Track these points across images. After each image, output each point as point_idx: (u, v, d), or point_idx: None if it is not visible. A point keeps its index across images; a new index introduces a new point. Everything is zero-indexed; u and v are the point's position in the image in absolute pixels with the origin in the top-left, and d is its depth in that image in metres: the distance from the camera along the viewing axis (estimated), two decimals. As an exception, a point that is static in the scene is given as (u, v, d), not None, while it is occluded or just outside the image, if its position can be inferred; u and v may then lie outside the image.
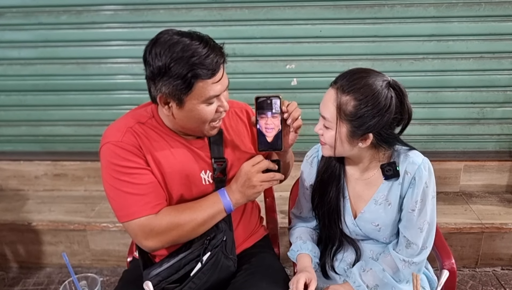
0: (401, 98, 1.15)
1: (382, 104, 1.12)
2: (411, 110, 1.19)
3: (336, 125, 1.15)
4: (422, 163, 1.21)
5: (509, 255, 2.31)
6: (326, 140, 1.20)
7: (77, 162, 2.63)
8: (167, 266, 1.23)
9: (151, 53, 1.11)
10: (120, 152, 1.17)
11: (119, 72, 2.48)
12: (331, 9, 2.31)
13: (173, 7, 2.34)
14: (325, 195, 1.32)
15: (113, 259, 2.40)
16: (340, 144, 1.18)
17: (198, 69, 1.09)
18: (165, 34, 1.13)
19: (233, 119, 1.36)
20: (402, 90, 1.16)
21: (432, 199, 1.23)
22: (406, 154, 1.23)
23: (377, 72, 1.17)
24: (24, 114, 2.59)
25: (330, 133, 1.18)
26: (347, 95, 1.13)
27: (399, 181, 1.23)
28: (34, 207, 2.50)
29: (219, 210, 1.23)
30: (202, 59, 1.09)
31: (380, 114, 1.13)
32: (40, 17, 2.38)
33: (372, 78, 1.14)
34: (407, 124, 1.21)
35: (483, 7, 2.28)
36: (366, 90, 1.12)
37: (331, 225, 1.34)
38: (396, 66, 2.39)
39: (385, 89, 1.13)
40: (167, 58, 1.09)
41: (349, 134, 1.16)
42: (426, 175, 1.20)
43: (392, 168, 1.22)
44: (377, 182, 1.27)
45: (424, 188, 1.20)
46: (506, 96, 2.45)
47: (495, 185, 2.59)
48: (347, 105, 1.13)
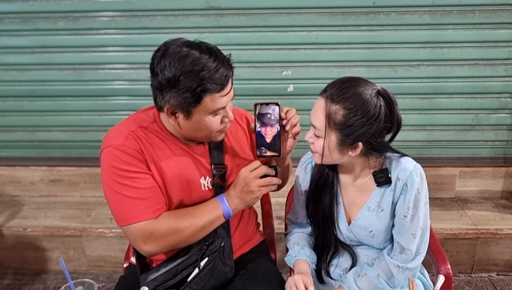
0: (391, 106, 1.16)
1: (372, 113, 1.13)
2: (401, 118, 1.19)
3: (326, 134, 1.16)
4: (414, 169, 1.22)
5: (504, 261, 2.32)
6: (316, 148, 1.21)
7: (73, 167, 2.63)
8: (165, 271, 1.23)
9: (159, 64, 1.10)
10: (121, 156, 1.17)
11: (116, 78, 2.49)
12: (327, 16, 2.33)
13: (170, 13, 2.35)
14: (319, 202, 1.33)
15: (109, 265, 2.39)
16: (329, 153, 1.19)
17: (208, 84, 1.09)
18: (173, 44, 1.12)
19: (233, 125, 1.37)
20: (391, 99, 1.17)
21: (425, 205, 1.24)
22: (398, 161, 1.23)
23: (366, 80, 1.18)
24: (20, 119, 2.58)
25: (320, 141, 1.18)
26: (336, 104, 1.14)
27: (391, 188, 1.24)
28: (29, 213, 2.49)
29: (218, 215, 1.23)
30: (211, 73, 1.09)
31: (370, 123, 1.14)
32: (38, 23, 2.39)
33: (361, 87, 1.14)
34: (396, 132, 1.22)
35: (477, 14, 2.30)
36: (356, 99, 1.13)
37: (325, 231, 1.35)
38: (392, 73, 2.41)
39: (374, 98, 1.14)
40: (176, 71, 1.08)
41: (339, 143, 1.17)
42: (418, 182, 1.21)
43: (384, 175, 1.23)
44: (370, 188, 1.28)
45: (416, 194, 1.21)
46: (500, 102, 2.47)
47: (490, 191, 2.60)
48: (336, 114, 1.14)
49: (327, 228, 1.34)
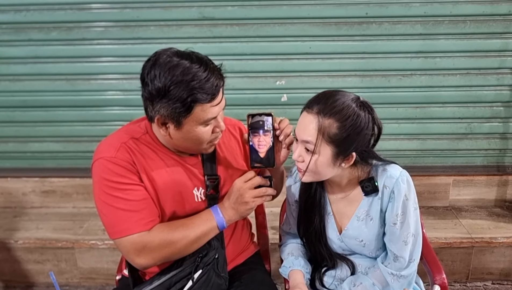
0: (371, 113, 1.17)
1: (363, 122, 1.14)
2: (381, 124, 1.20)
3: (318, 148, 1.15)
4: (400, 176, 1.21)
5: (499, 270, 2.32)
6: (306, 166, 1.18)
7: (65, 178, 2.60)
8: (158, 284, 1.21)
9: (150, 73, 1.10)
10: (113, 168, 1.15)
11: (109, 88, 2.48)
12: (320, 26, 2.34)
13: (163, 24, 2.35)
14: (310, 224, 1.33)
15: (101, 277, 2.36)
16: (323, 168, 1.18)
17: (198, 94, 1.08)
18: (164, 54, 1.11)
19: (226, 136, 1.36)
20: (370, 106, 1.18)
21: (415, 211, 1.24)
22: (384, 168, 1.23)
23: (343, 91, 1.19)
24: (12, 130, 2.56)
25: (312, 157, 1.17)
26: (328, 118, 1.13)
27: (378, 196, 1.24)
28: (21, 225, 2.46)
29: (212, 227, 1.22)
30: (202, 83, 1.08)
31: (362, 132, 1.15)
32: (30, 33, 2.38)
33: (345, 98, 1.15)
34: (378, 137, 1.22)
35: (468, 24, 2.33)
36: (347, 112, 1.13)
37: (319, 249, 1.34)
38: (385, 82, 2.43)
39: (360, 108, 1.15)
40: (166, 81, 1.07)
41: (333, 156, 1.16)
42: (405, 188, 1.21)
43: (371, 183, 1.23)
44: (358, 198, 1.28)
45: (404, 201, 1.21)
46: (492, 111, 2.49)
47: (484, 200, 2.61)
48: (330, 128, 1.13)
49: (320, 246, 1.34)
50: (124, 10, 2.33)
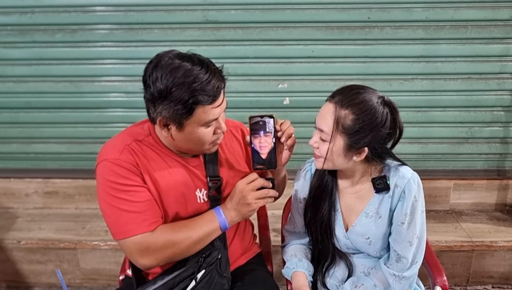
0: (394, 114, 1.20)
1: (379, 119, 1.16)
2: (403, 126, 1.23)
3: (332, 138, 1.18)
4: (412, 177, 1.24)
5: (499, 273, 2.32)
6: (322, 153, 1.22)
7: (68, 179, 2.62)
8: (161, 284, 1.22)
9: (151, 75, 1.11)
10: (117, 170, 1.17)
11: (113, 90, 2.49)
12: (323, 30, 2.36)
13: (167, 26, 2.37)
14: (317, 210, 1.34)
15: (103, 278, 2.37)
16: (335, 157, 1.21)
17: (200, 95, 1.10)
18: (165, 56, 1.13)
19: (228, 137, 1.38)
20: (395, 107, 1.20)
21: (421, 213, 1.26)
22: (397, 168, 1.26)
23: (372, 89, 1.22)
24: (15, 131, 2.58)
25: (326, 145, 1.20)
26: (345, 109, 1.16)
27: (389, 195, 1.26)
28: (24, 225, 2.47)
29: (215, 228, 1.23)
30: (203, 85, 1.10)
31: (377, 129, 1.17)
32: (35, 35, 2.40)
33: (369, 94, 1.18)
34: (398, 139, 1.25)
35: (470, 29, 2.34)
36: (365, 106, 1.16)
37: (323, 239, 1.35)
38: (387, 86, 2.44)
39: (380, 106, 1.17)
40: (168, 83, 1.09)
41: (346, 147, 1.18)
42: (416, 189, 1.23)
43: (383, 181, 1.25)
44: (368, 195, 1.29)
45: (413, 202, 1.23)
46: (493, 116, 2.50)
47: (485, 203, 2.61)
48: (345, 119, 1.16)
49: (325, 236, 1.35)
50: (128, 13, 2.35)
